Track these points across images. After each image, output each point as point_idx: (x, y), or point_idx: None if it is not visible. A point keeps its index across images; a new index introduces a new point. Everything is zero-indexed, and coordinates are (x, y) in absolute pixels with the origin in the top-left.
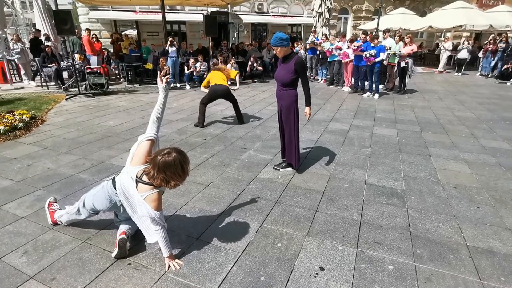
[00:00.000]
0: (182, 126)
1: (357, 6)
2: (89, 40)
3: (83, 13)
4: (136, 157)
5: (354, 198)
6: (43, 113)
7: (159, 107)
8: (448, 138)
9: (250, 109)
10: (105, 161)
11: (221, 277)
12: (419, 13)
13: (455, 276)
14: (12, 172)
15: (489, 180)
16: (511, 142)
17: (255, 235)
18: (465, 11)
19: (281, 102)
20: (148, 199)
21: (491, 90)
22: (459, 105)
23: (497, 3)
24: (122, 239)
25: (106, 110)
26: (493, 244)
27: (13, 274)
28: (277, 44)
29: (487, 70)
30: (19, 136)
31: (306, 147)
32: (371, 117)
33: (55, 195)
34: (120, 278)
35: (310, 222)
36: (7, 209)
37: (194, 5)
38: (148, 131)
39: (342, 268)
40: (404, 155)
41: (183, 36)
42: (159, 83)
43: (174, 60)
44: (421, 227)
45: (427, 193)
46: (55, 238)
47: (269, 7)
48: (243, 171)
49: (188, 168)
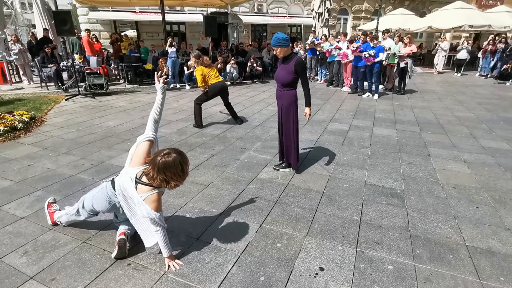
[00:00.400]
0: (182, 127)
1: (356, 6)
2: (88, 41)
3: (82, 14)
4: (135, 158)
5: (354, 198)
6: (42, 114)
7: (157, 107)
8: (448, 138)
9: (250, 110)
10: (104, 162)
11: (221, 277)
12: (418, 13)
13: (454, 276)
14: (11, 172)
15: (488, 180)
16: (510, 142)
17: (254, 235)
18: (465, 12)
19: (281, 103)
20: (147, 199)
21: (491, 91)
22: (459, 105)
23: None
24: (121, 239)
25: (105, 110)
26: (493, 244)
27: (13, 275)
28: (277, 44)
29: (487, 70)
30: (19, 137)
31: (306, 147)
32: (371, 117)
33: (55, 196)
34: (120, 279)
35: (310, 222)
36: (6, 209)
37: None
38: (146, 131)
39: (342, 268)
40: (403, 155)
41: (183, 37)
42: (157, 84)
43: (174, 61)
44: (420, 227)
45: (426, 193)
46: (55, 238)
47: (268, 7)
48: (243, 171)
49: (187, 169)
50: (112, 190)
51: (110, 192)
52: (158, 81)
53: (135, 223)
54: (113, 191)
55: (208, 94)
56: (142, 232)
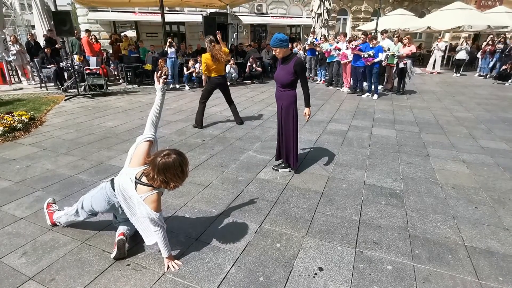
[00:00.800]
0: (181, 127)
1: (356, 7)
2: (88, 41)
3: (82, 14)
4: (135, 158)
5: (353, 198)
6: (42, 114)
7: (157, 107)
8: (447, 138)
9: (249, 110)
10: (104, 162)
11: (220, 277)
12: (417, 14)
13: (453, 276)
14: (11, 173)
15: (487, 181)
16: (509, 143)
17: (254, 236)
18: (464, 12)
19: (280, 103)
20: (147, 200)
21: (490, 91)
22: (458, 105)
23: (495, 4)
24: (120, 240)
25: (105, 111)
26: (491, 244)
27: (12, 275)
28: (277, 45)
29: (486, 70)
30: (18, 137)
31: (305, 147)
32: (370, 117)
33: (54, 196)
34: (119, 279)
35: (309, 222)
36: (6, 210)
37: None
38: (146, 132)
39: (341, 268)
40: (402, 156)
41: (182, 37)
42: (156, 84)
43: (173, 61)
44: (419, 227)
45: (425, 194)
46: (54, 239)
47: (268, 8)
48: (242, 171)
49: (187, 170)
50: (112, 190)
51: (110, 192)
52: (158, 82)
53: (135, 222)
54: (113, 192)
55: (206, 86)
56: (143, 231)
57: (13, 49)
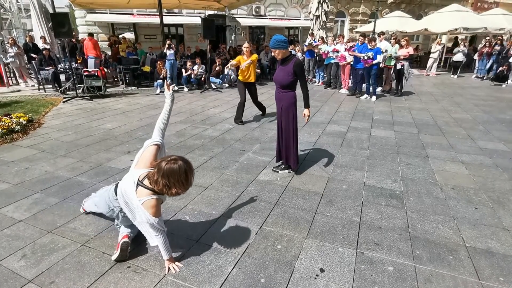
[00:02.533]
0: (180, 129)
1: (353, 9)
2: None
3: (80, 16)
4: (142, 160)
5: (353, 199)
6: (40, 116)
7: (165, 113)
8: (445, 139)
9: (248, 111)
10: (103, 164)
11: (221, 279)
12: (415, 16)
13: (454, 277)
14: (9, 175)
15: (486, 181)
16: (508, 144)
17: (254, 237)
18: (461, 14)
19: (280, 104)
20: (145, 204)
21: (487, 92)
22: (456, 107)
23: (491, 6)
24: (125, 242)
25: (103, 112)
26: (492, 244)
27: (11, 278)
28: (276, 46)
29: (483, 72)
30: (16, 139)
31: (305, 149)
32: (369, 119)
33: (53, 198)
34: (119, 281)
35: (310, 223)
36: (4, 212)
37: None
38: (153, 136)
39: (342, 270)
40: (402, 157)
41: (181, 39)
42: (166, 91)
43: (172, 63)
44: (420, 228)
45: (425, 194)
46: (53, 241)
47: (266, 10)
48: (242, 173)
49: (192, 179)
50: (114, 194)
51: (111, 196)
52: (168, 89)
53: (137, 224)
54: (114, 196)
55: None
56: (145, 233)
57: (11, 51)
